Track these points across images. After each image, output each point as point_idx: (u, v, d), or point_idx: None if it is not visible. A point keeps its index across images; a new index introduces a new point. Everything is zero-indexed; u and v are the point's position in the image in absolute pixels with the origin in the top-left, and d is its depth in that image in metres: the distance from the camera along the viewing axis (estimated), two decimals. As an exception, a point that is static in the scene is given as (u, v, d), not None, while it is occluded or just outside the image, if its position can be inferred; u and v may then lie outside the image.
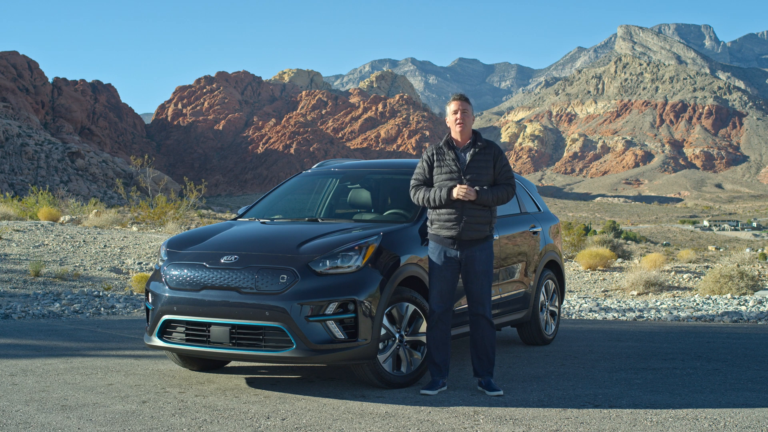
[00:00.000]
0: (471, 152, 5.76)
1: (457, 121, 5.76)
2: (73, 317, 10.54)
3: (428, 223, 5.86)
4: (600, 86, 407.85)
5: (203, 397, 5.49)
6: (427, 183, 5.85)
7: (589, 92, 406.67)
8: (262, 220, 6.85)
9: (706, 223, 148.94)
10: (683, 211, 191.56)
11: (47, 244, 17.09)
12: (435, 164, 5.80)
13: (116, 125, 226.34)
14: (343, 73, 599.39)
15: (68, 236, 18.47)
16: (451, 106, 5.81)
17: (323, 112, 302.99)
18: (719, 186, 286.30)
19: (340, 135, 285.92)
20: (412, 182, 5.92)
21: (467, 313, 5.93)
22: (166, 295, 5.79)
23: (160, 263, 6.07)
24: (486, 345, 5.75)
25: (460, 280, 5.82)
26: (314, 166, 7.88)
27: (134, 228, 23.37)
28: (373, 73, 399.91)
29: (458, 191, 5.61)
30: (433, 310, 5.71)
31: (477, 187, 5.66)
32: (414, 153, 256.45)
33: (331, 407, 5.20)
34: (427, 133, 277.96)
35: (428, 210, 5.85)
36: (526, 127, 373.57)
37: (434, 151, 5.84)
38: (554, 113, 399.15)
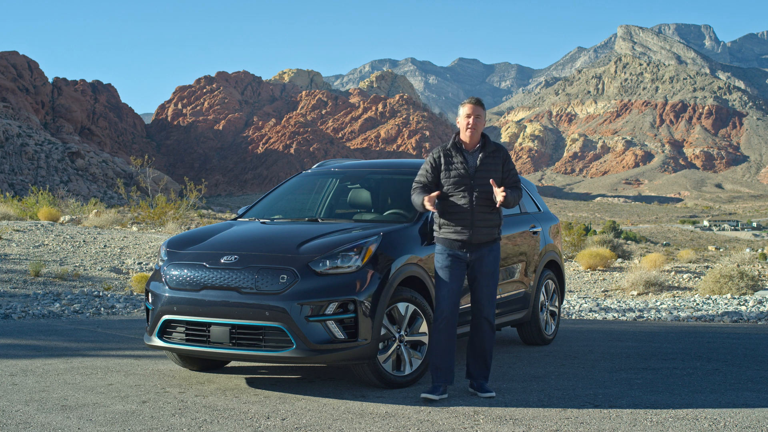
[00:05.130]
0: (481, 155, 5.64)
1: (469, 126, 5.63)
2: (73, 317, 10.54)
3: (435, 227, 5.70)
4: (600, 86, 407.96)
5: (203, 397, 5.49)
6: (429, 186, 5.70)
7: (589, 92, 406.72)
8: (262, 220, 6.85)
9: (706, 223, 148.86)
10: (683, 211, 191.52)
11: (47, 244, 17.09)
12: (442, 167, 5.65)
13: (116, 125, 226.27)
14: (343, 73, 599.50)
15: (68, 236, 18.47)
16: (465, 109, 5.66)
17: (323, 112, 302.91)
18: (719, 186, 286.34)
19: (340, 135, 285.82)
20: (413, 185, 5.77)
21: (468, 314, 5.90)
22: (166, 295, 5.79)
23: (160, 263, 6.07)
24: (485, 348, 5.69)
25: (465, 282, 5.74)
26: (314, 166, 7.87)
27: (134, 228, 23.36)
28: (373, 73, 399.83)
29: (498, 197, 5.42)
30: (442, 312, 5.56)
31: (503, 189, 5.46)
32: (414, 153, 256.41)
33: (331, 407, 5.20)
34: (427, 133, 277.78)
35: (436, 213, 5.68)
36: (526, 127, 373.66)
37: (441, 154, 5.69)
38: (554, 113, 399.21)
